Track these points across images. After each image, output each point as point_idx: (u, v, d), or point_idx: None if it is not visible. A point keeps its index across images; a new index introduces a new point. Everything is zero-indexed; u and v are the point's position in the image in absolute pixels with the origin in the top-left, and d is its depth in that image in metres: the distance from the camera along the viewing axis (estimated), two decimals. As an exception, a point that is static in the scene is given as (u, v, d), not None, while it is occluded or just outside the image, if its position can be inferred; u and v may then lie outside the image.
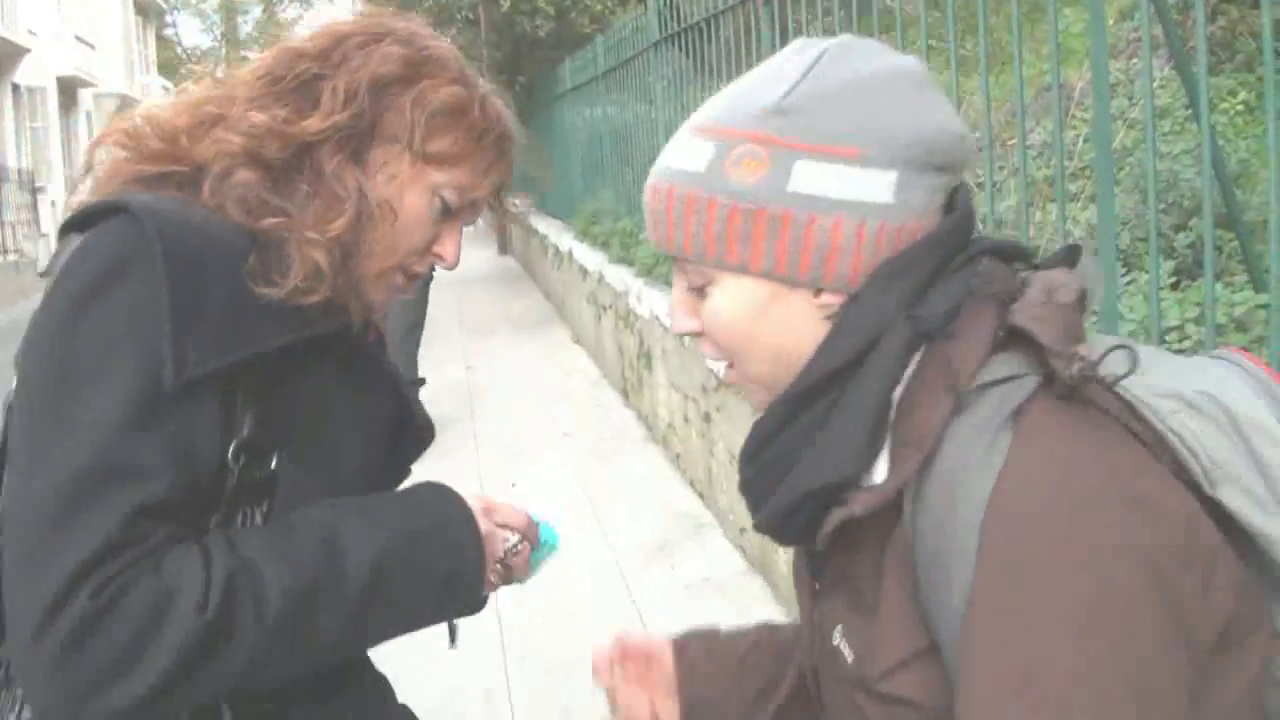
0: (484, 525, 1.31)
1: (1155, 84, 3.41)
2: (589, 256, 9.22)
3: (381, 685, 1.50)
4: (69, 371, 1.08)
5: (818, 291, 1.01)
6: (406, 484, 1.42)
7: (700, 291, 1.06)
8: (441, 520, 1.29)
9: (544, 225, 12.67)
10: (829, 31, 4.06)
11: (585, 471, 6.46)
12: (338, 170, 1.23)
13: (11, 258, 23.08)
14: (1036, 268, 1.05)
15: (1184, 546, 0.89)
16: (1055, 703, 0.84)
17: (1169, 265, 3.61)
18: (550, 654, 4.17)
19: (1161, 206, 3.83)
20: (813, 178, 0.98)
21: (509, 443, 7.16)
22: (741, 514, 4.92)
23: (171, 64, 50.94)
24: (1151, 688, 0.85)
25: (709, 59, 5.72)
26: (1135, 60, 5.88)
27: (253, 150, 1.21)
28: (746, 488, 1.09)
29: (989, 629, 0.87)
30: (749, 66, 1.49)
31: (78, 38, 29.15)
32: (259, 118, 1.22)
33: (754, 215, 0.99)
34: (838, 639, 1.04)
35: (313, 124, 1.22)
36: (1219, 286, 3.05)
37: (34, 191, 25.26)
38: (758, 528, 1.08)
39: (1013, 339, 0.97)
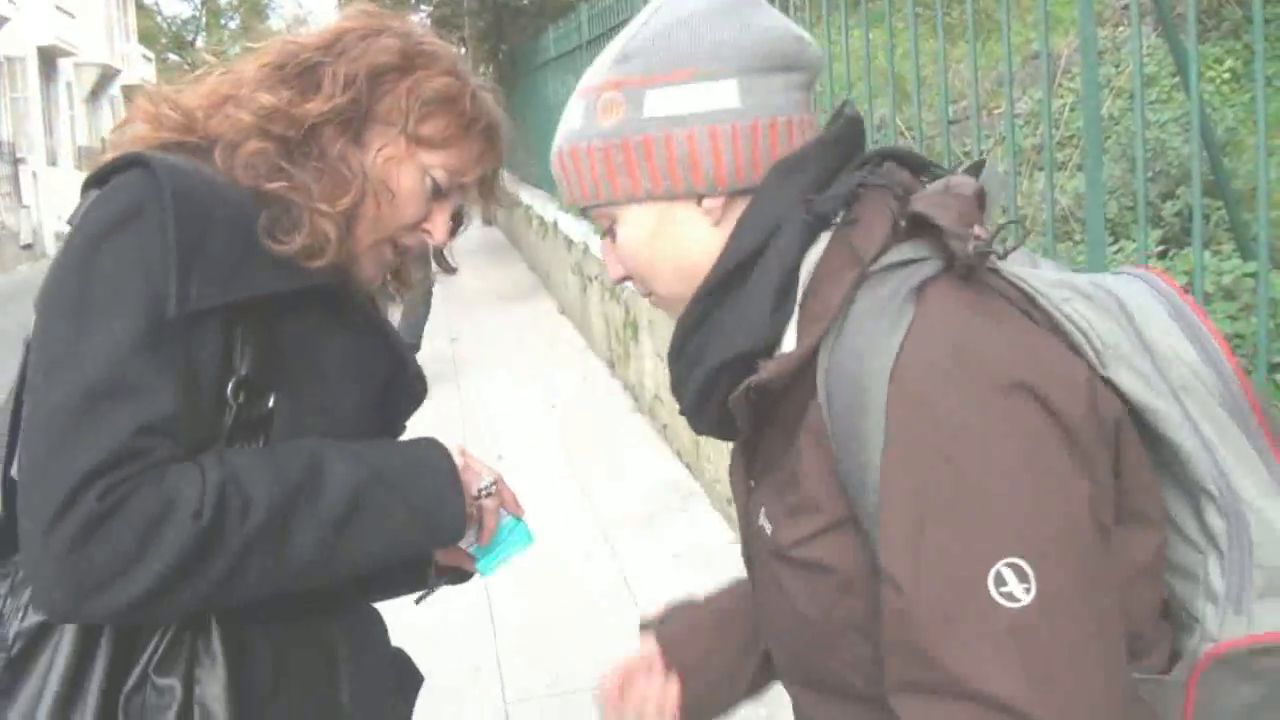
0: (460, 461, 1.40)
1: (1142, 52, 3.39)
2: (574, 227, 9.18)
3: (376, 619, 1.55)
4: (83, 301, 1.19)
5: (699, 200, 1.14)
6: None
7: (613, 234, 1.20)
8: (421, 454, 1.39)
9: (528, 196, 12.61)
10: (816, -1, 4.04)
11: (572, 442, 6.47)
12: (342, 152, 1.34)
13: (-8, 230, 22.89)
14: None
15: (1082, 393, 0.97)
16: (975, 519, 0.93)
17: (1157, 234, 3.62)
18: (539, 626, 4.18)
19: (1149, 175, 3.83)
20: (661, 103, 1.12)
21: (495, 414, 7.17)
22: (729, 484, 4.91)
23: (152, 33, 50.56)
24: (1059, 499, 0.94)
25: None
26: (1121, 28, 5.86)
27: (262, 126, 1.32)
28: (674, 385, 1.20)
29: (904, 465, 0.96)
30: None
31: (57, 7, 28.73)
32: (266, 98, 1.33)
33: (622, 148, 1.14)
34: (762, 519, 1.15)
35: (314, 106, 1.33)
36: (1207, 255, 3.06)
37: (15, 163, 24.98)
38: (682, 414, 1.20)
39: (915, 229, 1.06)
